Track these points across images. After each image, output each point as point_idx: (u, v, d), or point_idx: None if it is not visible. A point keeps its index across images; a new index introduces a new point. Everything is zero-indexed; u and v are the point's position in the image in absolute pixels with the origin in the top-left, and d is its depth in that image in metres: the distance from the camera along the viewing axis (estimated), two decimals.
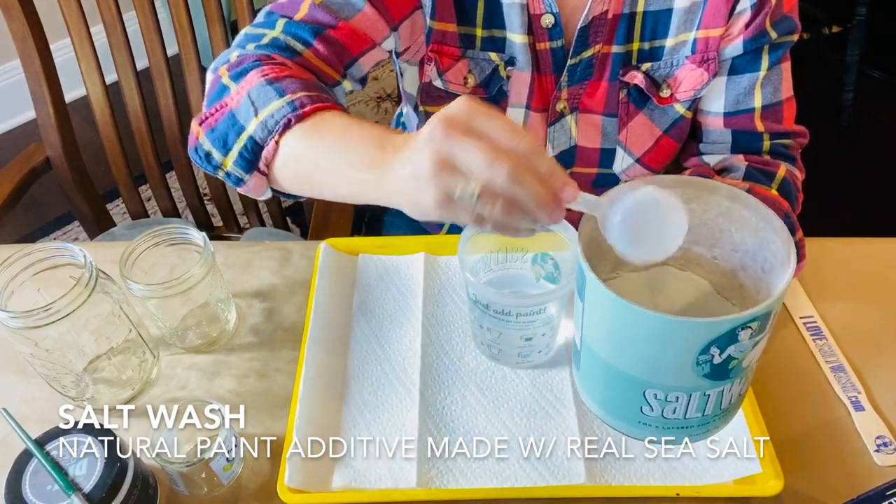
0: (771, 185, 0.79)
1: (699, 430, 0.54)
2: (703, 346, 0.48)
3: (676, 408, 0.52)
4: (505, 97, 0.84)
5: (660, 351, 0.51)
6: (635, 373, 0.52)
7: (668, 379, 0.51)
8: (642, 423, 0.54)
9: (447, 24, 0.80)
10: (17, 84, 2.20)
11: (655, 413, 0.53)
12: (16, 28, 1.10)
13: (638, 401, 0.53)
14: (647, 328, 0.50)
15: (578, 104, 0.85)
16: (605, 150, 0.88)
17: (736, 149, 0.85)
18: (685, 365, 0.49)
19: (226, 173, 0.67)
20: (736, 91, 0.82)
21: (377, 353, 0.78)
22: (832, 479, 0.68)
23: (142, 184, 1.29)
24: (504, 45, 0.80)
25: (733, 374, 0.51)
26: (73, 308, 0.65)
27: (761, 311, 0.47)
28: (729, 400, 0.53)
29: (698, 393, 0.51)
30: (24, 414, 0.74)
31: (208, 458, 0.64)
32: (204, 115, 0.68)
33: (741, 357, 0.50)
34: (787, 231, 0.53)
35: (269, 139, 0.62)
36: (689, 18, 0.79)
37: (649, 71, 0.82)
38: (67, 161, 1.21)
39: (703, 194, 0.56)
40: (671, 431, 0.54)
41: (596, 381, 0.57)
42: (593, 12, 0.77)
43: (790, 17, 0.79)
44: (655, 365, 0.52)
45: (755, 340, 0.49)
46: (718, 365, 0.49)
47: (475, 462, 0.69)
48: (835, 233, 0.88)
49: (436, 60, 0.82)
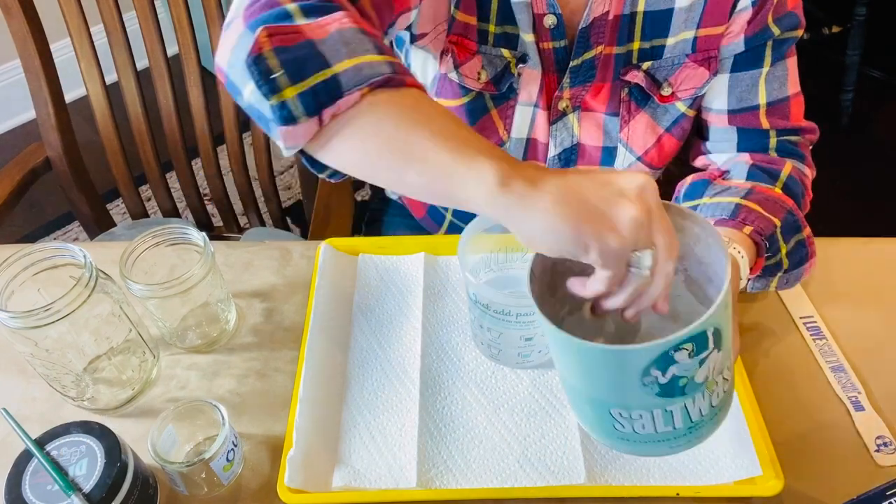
0: (775, 183, 0.79)
1: (678, 442, 0.54)
2: (642, 370, 0.49)
3: (644, 424, 0.53)
4: (515, 95, 0.84)
5: (605, 375, 0.52)
6: (596, 394, 0.53)
7: (624, 399, 0.52)
8: (621, 438, 0.55)
9: (469, 16, 0.79)
10: (17, 84, 2.21)
11: (627, 429, 0.54)
12: (16, 28, 1.10)
13: (608, 419, 0.54)
14: (587, 357, 0.51)
15: (581, 103, 0.85)
16: (607, 148, 0.88)
17: (742, 146, 0.85)
18: (633, 386, 0.50)
19: (281, 103, 0.54)
20: (739, 88, 0.82)
21: (377, 353, 0.78)
22: (832, 479, 0.68)
23: (142, 184, 1.29)
24: (517, 43, 0.81)
25: (689, 390, 0.51)
26: (73, 308, 0.65)
27: (691, 332, 0.48)
28: (699, 413, 0.53)
29: (659, 409, 0.52)
30: (24, 414, 0.74)
31: (208, 458, 0.64)
32: (272, 27, 0.55)
33: (691, 374, 0.50)
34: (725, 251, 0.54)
35: (355, 89, 0.53)
36: (690, 17, 0.79)
37: (650, 70, 0.82)
38: (67, 161, 1.21)
39: None
40: (650, 445, 0.55)
41: (573, 400, 0.58)
42: (594, 13, 0.77)
43: (794, 12, 0.79)
44: (608, 387, 0.52)
45: (699, 359, 0.49)
46: (666, 384, 0.50)
47: (475, 462, 0.69)
48: (835, 233, 0.88)
49: (453, 52, 0.82)
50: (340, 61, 0.53)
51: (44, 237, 2.01)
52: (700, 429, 0.54)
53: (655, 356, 0.48)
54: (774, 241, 0.72)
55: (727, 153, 0.87)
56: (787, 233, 0.74)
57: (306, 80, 0.53)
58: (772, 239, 0.72)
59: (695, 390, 0.51)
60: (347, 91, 0.53)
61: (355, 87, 0.53)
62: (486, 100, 0.85)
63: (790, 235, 0.74)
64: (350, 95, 0.53)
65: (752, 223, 0.72)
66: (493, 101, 0.85)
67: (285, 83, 0.54)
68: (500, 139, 0.88)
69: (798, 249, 0.76)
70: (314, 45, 0.54)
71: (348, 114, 0.54)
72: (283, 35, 0.54)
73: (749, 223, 0.72)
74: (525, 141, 0.88)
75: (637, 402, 0.51)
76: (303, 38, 0.54)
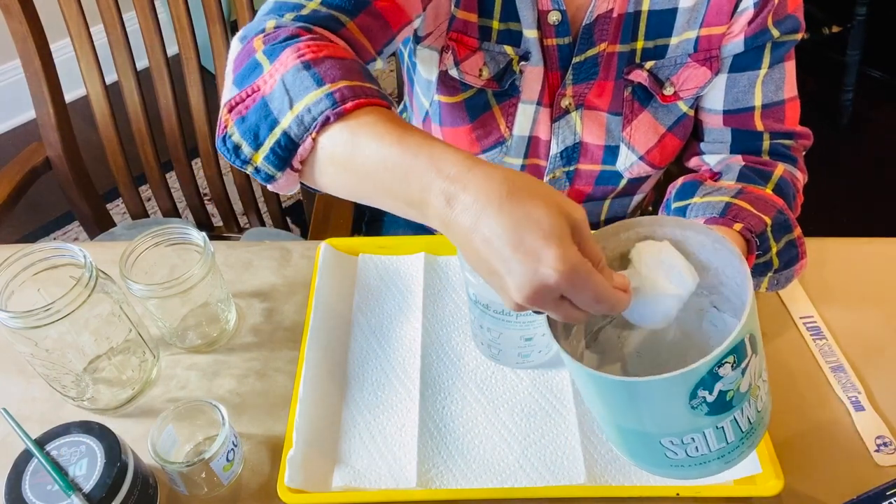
0: (766, 184, 0.78)
1: (731, 455, 0.53)
2: (690, 393, 0.48)
3: (697, 446, 0.51)
4: (517, 92, 0.84)
5: (652, 408, 0.50)
6: (643, 429, 0.52)
7: (674, 427, 0.51)
8: (676, 466, 0.54)
9: (470, 14, 0.79)
10: (17, 84, 2.21)
11: (680, 456, 0.52)
12: (16, 28, 1.10)
13: (659, 449, 0.52)
14: (627, 393, 0.50)
15: (584, 101, 0.85)
16: (609, 147, 0.88)
17: (735, 148, 0.85)
18: (682, 412, 0.49)
19: (255, 169, 0.60)
20: (735, 89, 0.82)
21: (377, 353, 0.78)
22: (832, 479, 0.68)
23: (142, 184, 1.29)
24: (520, 40, 0.81)
25: (737, 402, 0.50)
26: (73, 308, 0.65)
27: (731, 344, 0.47)
28: (748, 421, 0.52)
29: (710, 429, 0.51)
30: (24, 414, 0.74)
31: (208, 458, 0.64)
32: (234, 99, 0.60)
33: (735, 386, 0.49)
34: (740, 253, 0.53)
35: (305, 136, 0.56)
36: (693, 17, 0.79)
37: (653, 69, 0.82)
38: (67, 161, 1.21)
39: (654, 228, 0.57)
40: (704, 466, 0.53)
41: (617, 439, 0.56)
42: (598, 10, 0.77)
43: (794, 15, 0.79)
44: (657, 419, 0.51)
45: (742, 368, 0.49)
46: (714, 402, 0.49)
47: (475, 462, 0.69)
48: (835, 233, 0.88)
49: (453, 49, 0.82)
50: (286, 114, 0.57)
51: (44, 237, 2.01)
52: (751, 436, 0.53)
53: (701, 376, 0.47)
54: (765, 239, 0.72)
55: (720, 154, 0.87)
56: (778, 232, 0.73)
57: (264, 144, 0.58)
58: (762, 237, 0.72)
59: (742, 400, 0.50)
60: (300, 140, 0.57)
61: (305, 134, 0.56)
62: (488, 97, 0.85)
63: (781, 234, 0.74)
64: (304, 144, 0.56)
65: (743, 220, 0.71)
66: (496, 99, 0.85)
67: (250, 152, 0.59)
68: (501, 136, 0.88)
69: (788, 249, 0.75)
70: (266, 104, 0.58)
71: (310, 158, 0.58)
72: (241, 104, 0.60)
73: (740, 220, 0.71)
74: (527, 139, 0.88)
75: (687, 427, 0.50)
76: (258, 98, 0.59)
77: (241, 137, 0.60)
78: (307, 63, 0.58)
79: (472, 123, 0.87)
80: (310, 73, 0.57)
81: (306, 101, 0.56)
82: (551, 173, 0.92)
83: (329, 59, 0.58)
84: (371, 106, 0.56)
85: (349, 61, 0.60)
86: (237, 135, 0.60)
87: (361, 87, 0.57)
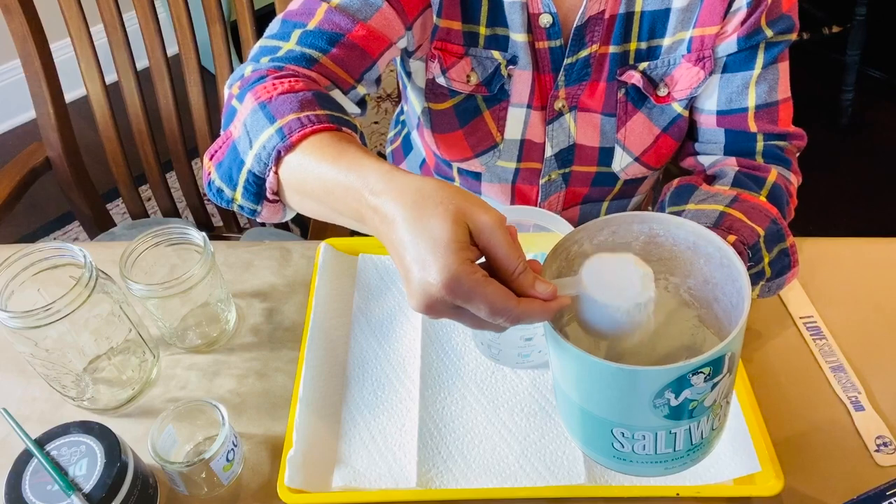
0: (760, 191, 0.78)
1: (673, 465, 0.54)
2: (657, 392, 0.48)
3: (645, 445, 0.52)
4: (507, 97, 0.84)
5: (616, 395, 0.51)
6: (600, 413, 0.53)
7: (631, 420, 0.51)
8: (617, 458, 0.55)
9: (453, 21, 0.80)
10: (17, 84, 2.21)
11: (626, 449, 0.53)
12: (16, 28, 1.10)
13: (608, 438, 0.53)
14: (599, 375, 0.50)
15: (577, 103, 0.85)
16: (604, 148, 0.88)
17: (729, 149, 0.85)
18: (643, 408, 0.50)
19: (239, 206, 0.66)
20: (729, 89, 0.82)
21: (377, 353, 0.78)
22: (832, 479, 0.68)
23: (142, 184, 1.29)
24: (507, 44, 0.81)
25: (697, 414, 0.51)
26: (73, 308, 0.65)
27: (711, 357, 0.47)
28: (700, 435, 0.53)
29: (663, 431, 0.51)
30: (24, 414, 0.74)
31: (208, 458, 0.64)
32: (213, 147, 0.67)
33: (700, 398, 0.50)
34: (746, 275, 0.52)
35: (267, 172, 0.60)
36: (686, 17, 0.79)
37: (646, 70, 0.82)
38: (67, 161, 1.21)
39: (670, 229, 0.57)
40: (645, 466, 0.54)
41: (570, 417, 0.57)
42: (589, 11, 0.77)
43: (788, 15, 0.79)
44: (616, 407, 0.52)
45: (713, 383, 0.49)
46: (677, 407, 0.49)
47: (475, 462, 0.69)
48: (835, 233, 0.88)
49: (439, 58, 0.82)
50: (248, 154, 0.62)
51: (44, 237, 2.01)
52: (698, 451, 0.54)
53: (672, 378, 0.48)
54: (757, 251, 0.72)
55: (714, 155, 0.86)
56: (771, 242, 0.74)
57: (237, 183, 0.64)
58: (754, 248, 0.72)
59: (702, 413, 0.51)
60: (264, 176, 0.61)
61: (266, 170, 0.60)
62: (478, 101, 0.85)
63: (773, 245, 0.74)
64: (268, 178, 0.61)
65: (737, 232, 0.71)
66: (486, 103, 0.85)
67: (230, 192, 0.65)
68: (493, 141, 0.88)
69: (781, 258, 0.75)
70: (235, 148, 0.64)
71: (280, 189, 0.62)
72: (217, 150, 0.66)
73: (734, 232, 0.71)
74: (519, 142, 0.88)
75: (643, 423, 0.51)
76: (229, 143, 0.65)
77: (220, 181, 0.66)
78: (263, 103, 0.62)
79: (463, 129, 0.87)
80: (264, 112, 0.62)
81: (262, 139, 0.60)
82: (546, 175, 0.92)
83: (282, 95, 0.62)
84: (318, 133, 0.59)
85: (303, 93, 0.63)
86: (218, 179, 0.66)
87: (309, 116, 0.60)
